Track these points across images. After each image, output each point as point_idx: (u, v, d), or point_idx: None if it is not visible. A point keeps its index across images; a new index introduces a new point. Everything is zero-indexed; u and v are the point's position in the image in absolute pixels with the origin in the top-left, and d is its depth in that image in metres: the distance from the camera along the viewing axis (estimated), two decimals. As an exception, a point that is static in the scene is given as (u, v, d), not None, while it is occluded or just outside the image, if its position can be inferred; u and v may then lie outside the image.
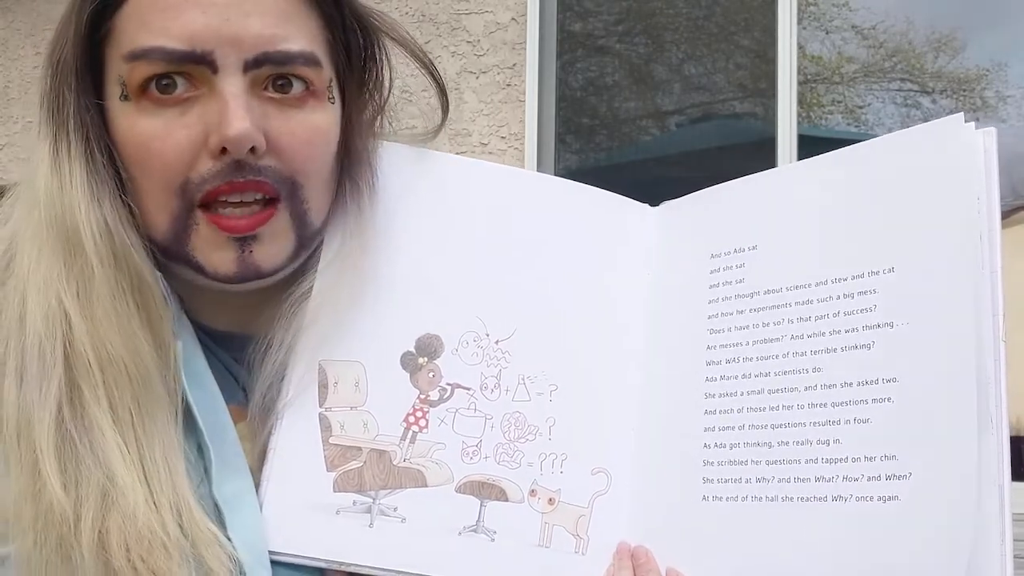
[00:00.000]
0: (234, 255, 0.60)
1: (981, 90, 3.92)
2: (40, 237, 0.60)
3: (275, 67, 0.59)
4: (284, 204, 0.61)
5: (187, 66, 0.57)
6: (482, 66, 3.02)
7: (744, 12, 3.36)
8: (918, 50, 3.98)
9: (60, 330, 0.58)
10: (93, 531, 0.54)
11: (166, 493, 0.56)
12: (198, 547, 0.55)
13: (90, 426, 0.57)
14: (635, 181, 3.77)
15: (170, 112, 0.58)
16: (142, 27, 0.58)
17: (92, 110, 0.60)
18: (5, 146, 3.75)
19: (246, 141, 0.57)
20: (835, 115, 4.22)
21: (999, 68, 3.80)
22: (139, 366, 0.58)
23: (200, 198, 0.59)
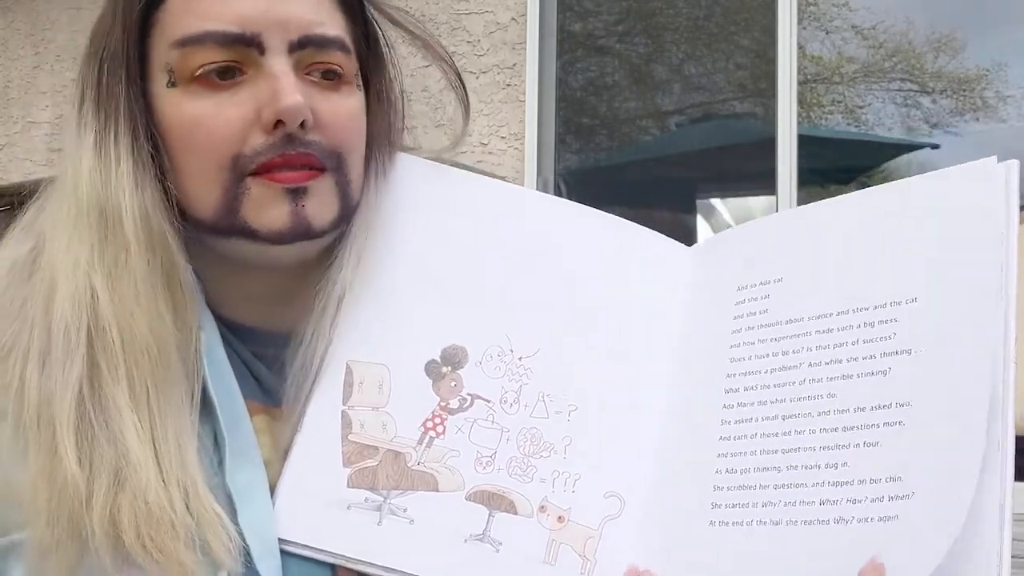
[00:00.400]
0: (288, 208, 0.62)
1: (981, 90, 3.92)
2: (73, 223, 0.62)
3: (315, 50, 0.63)
4: (330, 173, 0.64)
5: (238, 48, 0.61)
6: (482, 66, 3.02)
7: (744, 12, 3.36)
8: (918, 50, 3.98)
9: (87, 310, 0.60)
10: (105, 508, 0.56)
11: (175, 472, 0.57)
12: (202, 527, 0.56)
13: (107, 404, 0.58)
14: (635, 181, 3.77)
15: (220, 95, 0.61)
16: (191, 15, 0.61)
17: (140, 100, 0.63)
18: (5, 146, 3.75)
19: (300, 113, 0.60)
20: (835, 115, 4.22)
21: (999, 68, 3.80)
22: (161, 348, 0.60)
23: (252, 169, 0.61)
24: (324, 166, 0.63)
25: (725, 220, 4.41)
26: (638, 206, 3.85)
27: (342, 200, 0.65)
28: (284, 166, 0.61)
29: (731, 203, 4.41)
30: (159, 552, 0.55)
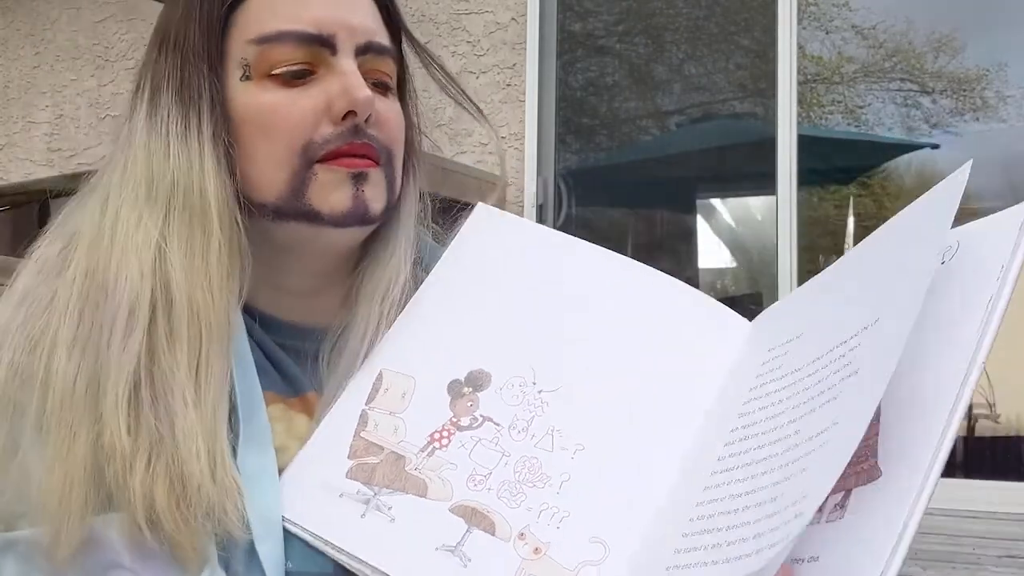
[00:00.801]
0: (350, 192, 0.68)
1: (981, 90, 3.92)
2: (145, 204, 0.66)
3: (375, 56, 0.69)
4: (382, 167, 0.70)
5: (313, 48, 0.67)
6: (482, 66, 3.02)
7: (744, 12, 3.36)
8: (918, 50, 3.98)
9: (158, 282, 0.64)
10: (146, 474, 0.59)
11: (208, 440, 0.61)
12: (222, 497, 0.59)
13: (163, 373, 0.62)
14: (635, 181, 3.77)
15: (293, 90, 0.67)
16: (270, 14, 0.67)
17: (219, 92, 0.68)
18: (5, 146, 3.75)
19: (370, 104, 0.67)
20: (835, 115, 4.22)
21: (999, 68, 3.80)
22: (221, 324, 0.64)
23: (320, 156, 0.67)
24: (379, 159, 0.69)
25: (725, 220, 4.41)
26: (638, 206, 3.85)
27: (389, 193, 0.71)
28: (350, 154, 0.67)
29: (731, 203, 4.41)
30: (185, 524, 0.58)
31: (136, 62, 2.90)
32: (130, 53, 3.53)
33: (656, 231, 4.08)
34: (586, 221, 3.51)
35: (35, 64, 3.72)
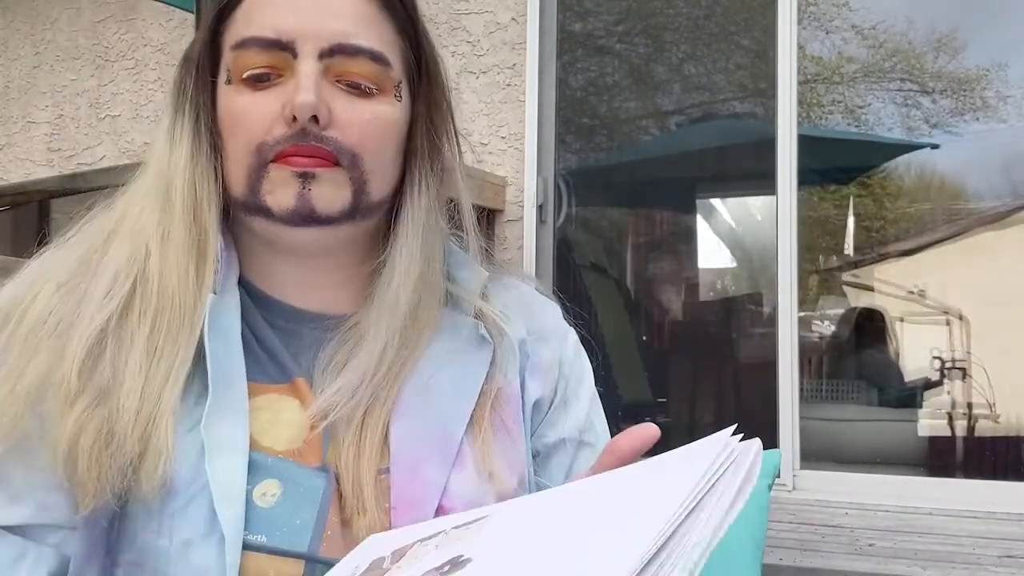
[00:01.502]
0: (295, 190, 0.70)
1: (981, 90, 3.93)
2: (145, 195, 0.74)
3: (346, 58, 0.71)
4: (344, 168, 0.71)
5: (275, 52, 0.70)
6: (482, 66, 3.02)
7: (744, 12, 3.36)
8: (918, 50, 3.98)
9: (139, 262, 0.71)
10: (80, 418, 0.64)
11: (150, 404, 0.65)
12: (145, 456, 0.64)
13: (125, 335, 0.68)
14: (635, 181, 3.77)
15: (260, 93, 0.71)
16: (247, 22, 0.72)
17: (206, 94, 0.74)
18: (5, 146, 3.75)
19: (309, 108, 0.68)
20: (835, 115, 4.22)
21: (999, 68, 3.80)
22: (183, 301, 0.69)
23: (272, 156, 0.70)
24: (337, 160, 0.71)
25: (725, 220, 4.41)
26: (638, 206, 3.85)
27: (356, 193, 0.72)
28: (296, 155, 0.70)
29: (731, 203, 4.41)
30: (97, 468, 0.63)
31: (136, 62, 2.94)
32: (130, 53, 3.53)
33: (656, 231, 4.08)
34: (586, 221, 3.51)
35: (35, 64, 3.72)
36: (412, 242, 0.75)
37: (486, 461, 0.72)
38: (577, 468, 0.80)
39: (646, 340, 3.69)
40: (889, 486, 2.50)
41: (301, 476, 0.68)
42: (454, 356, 0.76)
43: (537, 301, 0.86)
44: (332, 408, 0.70)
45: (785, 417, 2.58)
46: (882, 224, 4.93)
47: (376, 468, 0.70)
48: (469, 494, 0.71)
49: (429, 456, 0.71)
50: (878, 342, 4.28)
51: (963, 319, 4.23)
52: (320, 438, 0.70)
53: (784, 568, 1.94)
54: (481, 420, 0.74)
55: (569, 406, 0.81)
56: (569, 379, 0.82)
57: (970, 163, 4.30)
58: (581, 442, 0.81)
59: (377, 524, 0.67)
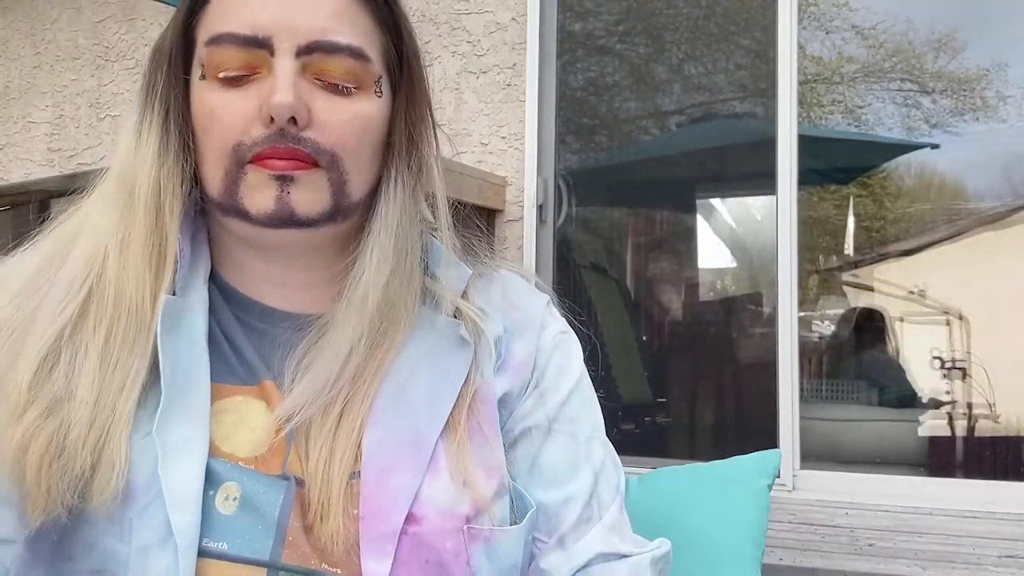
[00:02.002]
0: (273, 193, 0.68)
1: (981, 90, 3.92)
2: (108, 195, 0.72)
3: (324, 55, 0.68)
4: (323, 169, 0.69)
5: (251, 49, 0.67)
6: (482, 66, 3.02)
7: (744, 12, 3.36)
8: (918, 50, 3.98)
9: (96, 268, 0.69)
10: (29, 429, 0.63)
11: (105, 415, 0.64)
12: (97, 468, 0.62)
13: (80, 344, 0.66)
14: (635, 181, 3.77)
15: (235, 91, 0.69)
16: (221, 17, 0.69)
17: (178, 89, 0.71)
18: (5, 146, 3.75)
19: (286, 110, 0.66)
20: (835, 115, 4.22)
21: (999, 68, 3.80)
22: (141, 309, 0.67)
23: (250, 157, 0.68)
24: (316, 162, 0.69)
25: (725, 220, 4.41)
26: (638, 206, 3.85)
27: (335, 195, 0.70)
28: (273, 156, 0.68)
29: (731, 203, 4.41)
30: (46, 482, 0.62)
31: (136, 62, 2.94)
32: (130, 53, 3.53)
33: (656, 231, 4.07)
34: (586, 221, 3.51)
35: (35, 64, 3.72)
36: (385, 239, 0.72)
37: (461, 467, 0.70)
38: (546, 457, 0.77)
39: (646, 340, 3.68)
40: (889, 486, 2.50)
41: (262, 482, 0.66)
42: (431, 357, 0.74)
43: (521, 294, 0.83)
44: (296, 411, 0.68)
45: (785, 417, 2.58)
46: (882, 224, 4.93)
47: (348, 472, 0.68)
48: (442, 502, 0.69)
49: (401, 462, 0.69)
50: (878, 342, 4.28)
51: (963, 319, 4.23)
52: (283, 442, 0.68)
53: (784, 568, 1.94)
54: (458, 424, 0.72)
55: (545, 396, 0.78)
56: (545, 370, 0.79)
57: (970, 163, 4.30)
58: (551, 430, 0.77)
59: (342, 531, 0.66)
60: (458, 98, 3.01)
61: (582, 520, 0.75)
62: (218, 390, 0.69)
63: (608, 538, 0.75)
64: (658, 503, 1.17)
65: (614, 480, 0.79)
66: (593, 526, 0.76)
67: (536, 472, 0.76)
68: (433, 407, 0.72)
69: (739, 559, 1.13)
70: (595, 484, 0.77)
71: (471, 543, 0.69)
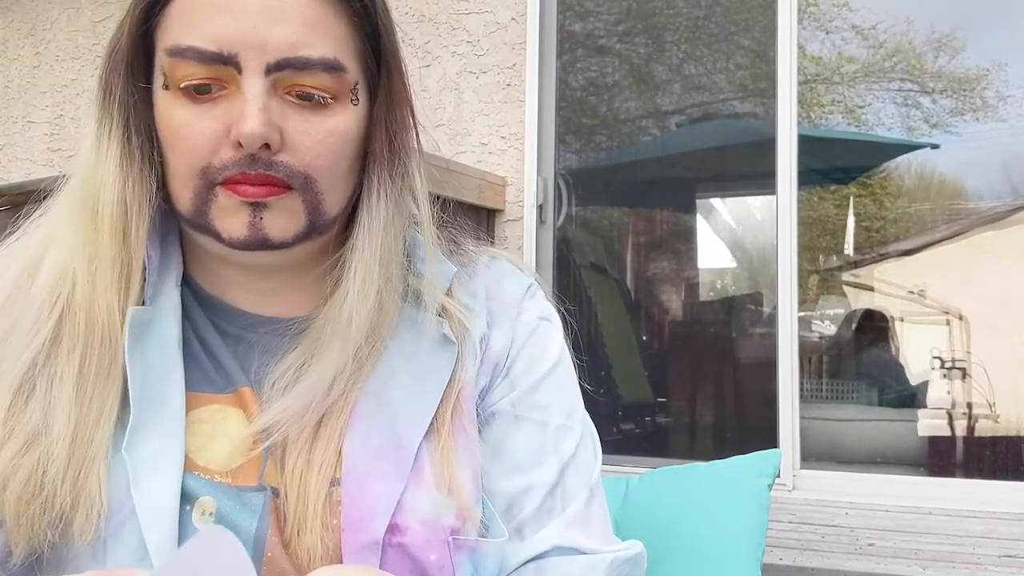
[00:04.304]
0: (246, 219, 0.65)
1: (981, 90, 3.92)
2: (71, 211, 0.68)
3: (295, 72, 0.64)
4: (297, 192, 0.66)
5: (216, 66, 0.63)
6: (482, 66, 3.02)
7: (744, 12, 3.36)
8: (918, 50, 3.98)
9: (66, 291, 0.66)
10: (9, 463, 0.61)
11: (82, 448, 0.62)
12: (76, 507, 0.61)
13: (54, 375, 0.64)
14: (635, 181, 3.77)
15: (200, 107, 0.64)
16: (184, 25, 0.64)
17: (137, 95, 0.67)
18: (5, 146, 3.75)
19: (258, 139, 0.62)
20: (835, 115, 4.22)
21: (999, 68, 3.80)
22: (113, 334, 0.65)
23: (220, 180, 0.65)
24: (289, 185, 0.65)
25: (725, 220, 4.41)
26: (638, 206, 3.85)
27: (311, 216, 0.67)
28: (245, 183, 0.64)
29: (731, 203, 4.41)
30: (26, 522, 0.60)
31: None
32: (130, 53, 3.53)
33: (656, 231, 4.07)
34: (586, 221, 3.51)
35: (35, 64, 3.72)
36: (369, 257, 0.69)
37: (446, 472, 0.67)
38: (510, 444, 0.73)
39: (646, 340, 3.68)
40: (889, 486, 2.50)
41: (237, 497, 0.65)
42: (414, 359, 0.71)
43: (499, 283, 0.79)
44: (276, 427, 0.66)
45: (785, 417, 2.58)
46: (882, 224, 4.93)
47: (328, 480, 0.66)
48: (426, 511, 0.66)
49: (381, 469, 0.66)
50: (879, 342, 4.28)
51: (963, 319, 4.23)
52: (260, 454, 0.67)
53: (784, 568, 1.94)
54: (442, 426, 0.69)
55: (515, 383, 0.75)
56: (518, 356, 0.75)
57: (970, 163, 4.30)
58: (518, 416, 0.74)
59: (320, 543, 0.64)
60: (458, 98, 3.01)
61: (543, 511, 0.71)
62: (193, 399, 0.67)
63: (567, 532, 0.71)
64: (658, 503, 1.17)
65: (586, 473, 0.75)
66: (554, 518, 0.72)
67: (499, 459, 0.73)
68: (415, 410, 0.69)
69: (739, 559, 1.13)
70: (561, 475, 0.73)
71: (456, 553, 0.66)
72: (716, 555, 1.12)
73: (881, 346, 4.29)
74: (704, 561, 1.11)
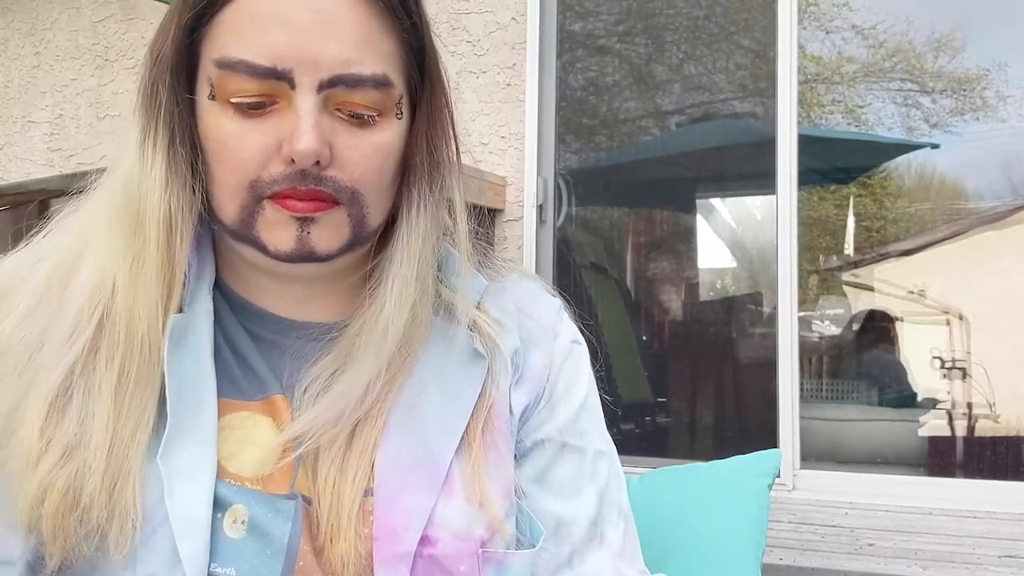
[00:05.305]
0: (294, 234, 0.65)
1: (981, 90, 3.92)
2: (111, 215, 0.67)
3: (347, 89, 0.64)
4: (343, 206, 0.66)
5: (269, 81, 0.63)
6: (482, 66, 3.02)
7: (744, 12, 3.36)
8: (918, 50, 3.98)
9: (104, 299, 0.65)
10: (46, 476, 0.61)
11: (118, 460, 0.62)
12: (111, 519, 0.60)
13: (92, 386, 0.63)
14: (635, 181, 3.77)
15: (252, 121, 0.64)
16: (235, 37, 0.63)
17: (182, 103, 0.66)
18: (5, 146, 3.75)
19: (312, 156, 0.63)
20: (835, 115, 4.22)
21: (999, 68, 3.80)
22: (153, 345, 0.65)
23: (268, 194, 0.65)
24: (337, 200, 0.66)
25: (725, 220, 4.41)
26: (638, 206, 3.85)
27: (355, 229, 0.67)
28: (294, 198, 0.65)
29: (731, 203, 4.41)
30: (62, 536, 0.60)
31: (136, 62, 2.93)
32: (130, 53, 3.53)
33: (656, 231, 4.07)
34: (586, 221, 3.51)
35: (35, 64, 3.72)
36: (407, 271, 0.69)
37: (477, 486, 0.68)
38: (557, 471, 0.75)
39: (646, 340, 3.69)
40: (889, 486, 2.50)
41: (269, 504, 0.65)
42: (445, 372, 0.72)
43: (533, 302, 0.81)
44: (308, 435, 0.66)
45: (785, 417, 2.58)
46: (882, 224, 4.94)
47: (362, 489, 0.66)
48: (457, 523, 0.67)
49: (414, 482, 0.67)
50: (879, 342, 4.28)
51: (963, 319, 4.23)
52: (291, 462, 0.67)
53: (784, 568, 1.94)
54: (473, 441, 0.70)
55: (556, 407, 0.76)
56: (557, 381, 0.77)
57: (970, 163, 4.30)
58: (564, 444, 0.76)
59: (353, 552, 0.64)
60: (458, 98, 3.00)
61: (587, 539, 0.74)
62: (222, 405, 0.67)
63: (617, 564, 0.74)
64: (658, 503, 1.17)
65: (616, 499, 0.77)
66: (598, 547, 0.74)
67: (545, 485, 0.75)
68: (446, 424, 0.70)
69: (739, 559, 1.13)
70: (600, 504, 0.75)
71: (484, 565, 0.67)
72: (716, 555, 1.12)
73: (881, 346, 4.29)
74: (704, 561, 1.11)
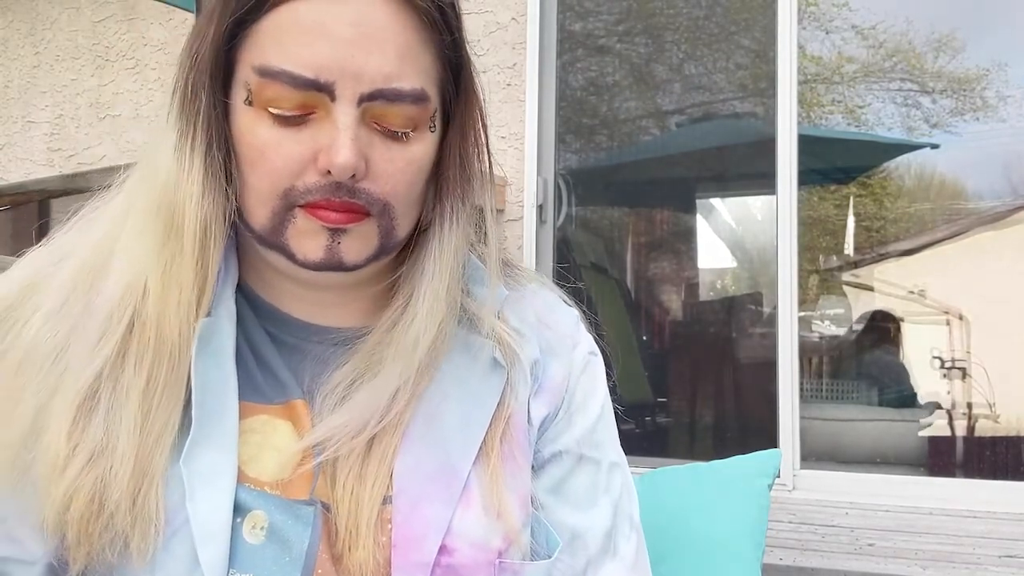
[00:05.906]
0: (324, 243, 0.65)
1: (981, 90, 3.93)
2: (144, 216, 0.67)
3: (386, 103, 0.64)
4: (374, 218, 0.66)
5: (310, 92, 0.62)
6: (482, 66, 3.00)
7: (744, 12, 3.36)
8: (918, 50, 3.98)
9: (135, 301, 0.65)
10: (73, 482, 0.60)
11: (142, 466, 0.61)
12: (136, 524, 0.60)
13: (121, 390, 0.63)
14: (635, 181, 3.77)
15: (287, 129, 0.64)
16: (276, 45, 0.63)
17: (219, 107, 0.66)
18: (5, 146, 3.75)
19: (349, 170, 0.63)
20: (835, 115, 4.22)
21: (999, 68, 3.80)
22: (182, 351, 0.64)
23: (301, 203, 0.65)
24: (369, 212, 0.66)
25: (725, 220, 4.41)
26: (638, 206, 3.85)
27: (383, 240, 0.68)
28: (328, 208, 0.64)
29: (731, 203, 4.41)
30: (87, 542, 0.60)
31: (136, 62, 2.93)
32: (130, 53, 3.53)
33: (656, 231, 4.07)
34: (586, 221, 3.51)
35: (35, 64, 3.72)
36: (438, 284, 0.70)
37: (495, 497, 0.69)
38: (573, 483, 0.76)
39: (646, 340, 3.69)
40: (889, 486, 2.50)
41: (289, 510, 0.65)
42: (466, 382, 0.72)
43: (551, 312, 0.81)
44: (329, 443, 0.66)
45: (785, 417, 2.58)
46: (882, 224, 4.94)
47: (381, 496, 0.66)
48: (475, 534, 0.67)
49: (433, 494, 0.67)
50: (879, 342, 4.28)
51: (963, 319, 4.24)
52: (311, 468, 0.67)
53: (784, 568, 1.94)
54: (491, 451, 0.70)
55: (573, 419, 0.77)
56: (575, 391, 0.77)
57: (970, 163, 4.31)
58: (581, 456, 0.76)
59: (371, 560, 0.64)
60: (458, 98, 3.01)
61: (602, 551, 0.75)
62: (242, 408, 0.67)
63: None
64: (658, 503, 1.17)
65: (628, 511, 0.78)
66: (612, 559, 0.75)
67: (561, 496, 0.75)
68: (465, 434, 0.70)
69: (739, 559, 1.13)
70: (614, 516, 0.76)
71: (500, 575, 0.68)
72: (716, 555, 1.12)
73: (881, 346, 4.29)
74: (704, 561, 1.11)
